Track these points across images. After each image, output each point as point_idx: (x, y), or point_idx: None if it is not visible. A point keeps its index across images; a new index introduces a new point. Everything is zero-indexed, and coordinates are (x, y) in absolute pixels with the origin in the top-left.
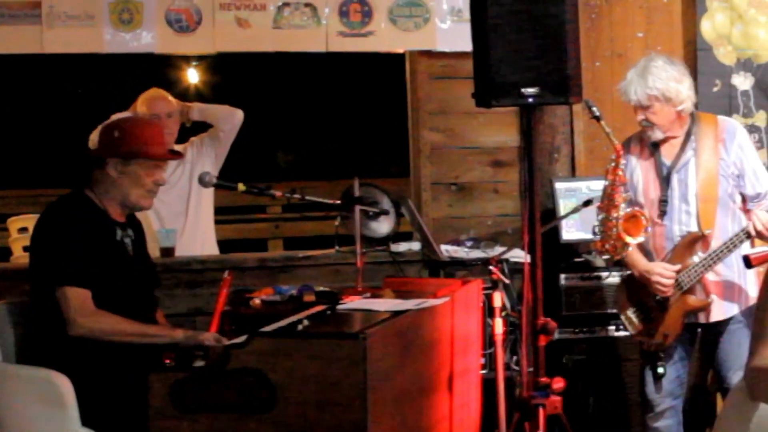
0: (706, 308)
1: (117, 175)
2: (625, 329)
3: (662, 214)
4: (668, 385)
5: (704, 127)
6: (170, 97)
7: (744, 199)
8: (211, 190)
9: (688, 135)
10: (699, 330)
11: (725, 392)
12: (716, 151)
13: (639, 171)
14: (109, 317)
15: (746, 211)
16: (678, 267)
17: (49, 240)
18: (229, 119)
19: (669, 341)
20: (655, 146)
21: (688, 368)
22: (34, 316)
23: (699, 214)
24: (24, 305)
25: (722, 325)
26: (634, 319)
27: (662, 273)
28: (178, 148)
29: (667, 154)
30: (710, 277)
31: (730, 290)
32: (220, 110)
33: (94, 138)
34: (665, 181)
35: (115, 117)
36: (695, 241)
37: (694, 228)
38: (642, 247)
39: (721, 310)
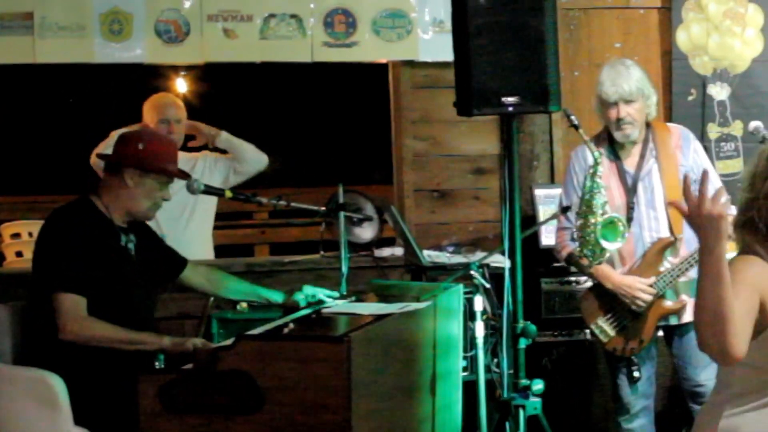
0: (681, 309)
1: (132, 184)
2: (595, 338)
3: (629, 220)
4: (641, 386)
5: (660, 134)
6: (180, 103)
7: None
8: (210, 201)
9: (645, 142)
10: (660, 331)
11: (692, 391)
12: (675, 157)
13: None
14: (98, 324)
15: None
16: (652, 279)
17: (48, 246)
18: (253, 162)
19: (643, 345)
20: (615, 154)
21: (657, 367)
22: (31, 319)
23: (671, 220)
24: (20, 308)
25: (688, 326)
26: (607, 328)
27: (643, 289)
28: (187, 156)
29: (627, 161)
30: (682, 279)
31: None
32: (248, 149)
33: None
34: (632, 188)
35: (130, 129)
36: (666, 246)
37: (664, 234)
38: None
39: (692, 310)
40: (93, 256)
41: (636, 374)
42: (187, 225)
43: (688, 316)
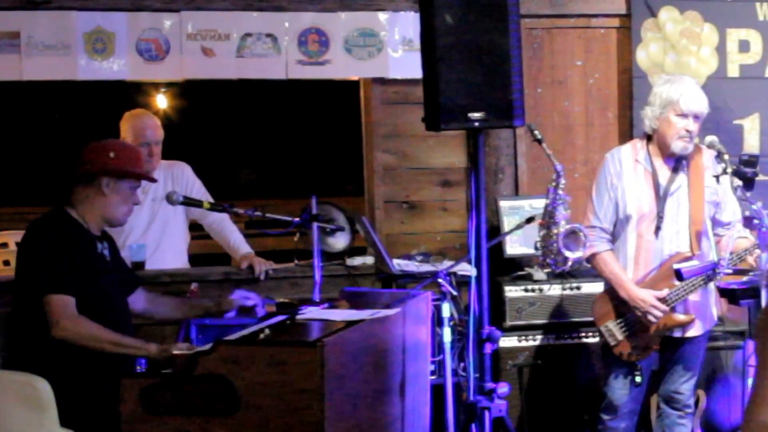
0: (688, 324)
1: (109, 192)
2: (603, 339)
3: (657, 229)
4: (635, 390)
5: (693, 153)
6: (157, 122)
7: (713, 225)
8: (178, 210)
9: (680, 158)
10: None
11: (670, 396)
12: (703, 177)
13: (631, 184)
14: (89, 323)
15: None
16: (666, 291)
17: (34, 254)
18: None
19: (649, 353)
20: (651, 163)
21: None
22: (18, 325)
23: (692, 236)
24: (5, 316)
25: (689, 339)
26: (615, 331)
27: (657, 306)
28: (164, 162)
29: (660, 173)
30: (691, 296)
31: (704, 309)
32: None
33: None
34: (662, 199)
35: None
36: (683, 261)
37: (683, 248)
38: (619, 257)
39: (697, 326)
40: (75, 262)
41: (638, 379)
42: (152, 234)
43: (692, 332)
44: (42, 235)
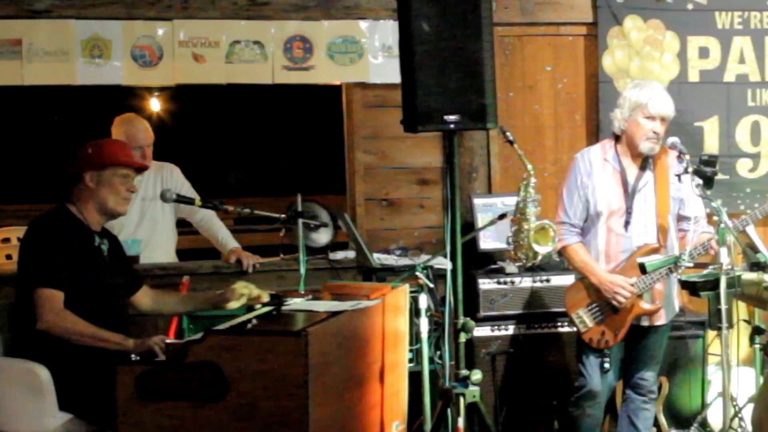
0: (654, 313)
1: (95, 186)
2: (574, 326)
3: (626, 224)
4: (609, 377)
5: (658, 153)
6: (147, 125)
7: (678, 220)
8: (166, 209)
9: (646, 158)
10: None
11: (636, 383)
12: (668, 175)
13: (601, 182)
14: (72, 318)
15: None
16: (634, 280)
17: (30, 249)
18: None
19: (618, 339)
20: (620, 163)
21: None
22: (20, 315)
23: (659, 229)
24: (9, 306)
25: (654, 328)
26: (586, 319)
27: (624, 287)
28: (154, 163)
29: (629, 171)
30: (658, 286)
31: (670, 299)
32: (213, 232)
33: None
34: (631, 195)
35: None
36: (651, 252)
37: (651, 240)
38: (590, 251)
39: (663, 315)
40: (68, 255)
41: (606, 366)
42: (143, 230)
43: (659, 320)
44: (39, 231)
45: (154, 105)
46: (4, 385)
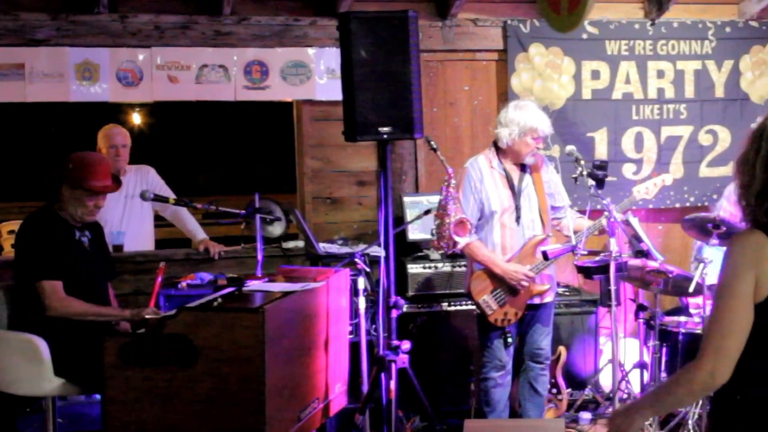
0: (544, 292)
1: (68, 197)
2: (481, 310)
3: (518, 219)
4: (511, 349)
5: None
6: (125, 131)
7: (552, 210)
8: (145, 205)
9: (523, 163)
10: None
11: (533, 353)
12: (542, 175)
13: (492, 186)
14: (75, 302)
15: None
16: (528, 267)
17: (27, 244)
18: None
19: (517, 317)
20: (504, 168)
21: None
22: (20, 298)
23: (543, 222)
24: (12, 288)
25: (545, 304)
26: (491, 302)
27: (526, 274)
28: (131, 167)
29: (513, 175)
30: (546, 270)
31: (553, 280)
32: (184, 224)
33: None
34: (517, 195)
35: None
36: (539, 242)
37: (538, 232)
38: (487, 245)
39: (550, 294)
40: (58, 249)
41: (510, 340)
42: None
43: (547, 297)
44: (30, 229)
45: (136, 118)
46: (8, 354)
